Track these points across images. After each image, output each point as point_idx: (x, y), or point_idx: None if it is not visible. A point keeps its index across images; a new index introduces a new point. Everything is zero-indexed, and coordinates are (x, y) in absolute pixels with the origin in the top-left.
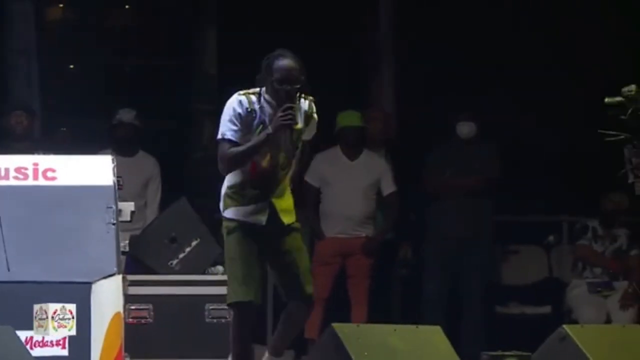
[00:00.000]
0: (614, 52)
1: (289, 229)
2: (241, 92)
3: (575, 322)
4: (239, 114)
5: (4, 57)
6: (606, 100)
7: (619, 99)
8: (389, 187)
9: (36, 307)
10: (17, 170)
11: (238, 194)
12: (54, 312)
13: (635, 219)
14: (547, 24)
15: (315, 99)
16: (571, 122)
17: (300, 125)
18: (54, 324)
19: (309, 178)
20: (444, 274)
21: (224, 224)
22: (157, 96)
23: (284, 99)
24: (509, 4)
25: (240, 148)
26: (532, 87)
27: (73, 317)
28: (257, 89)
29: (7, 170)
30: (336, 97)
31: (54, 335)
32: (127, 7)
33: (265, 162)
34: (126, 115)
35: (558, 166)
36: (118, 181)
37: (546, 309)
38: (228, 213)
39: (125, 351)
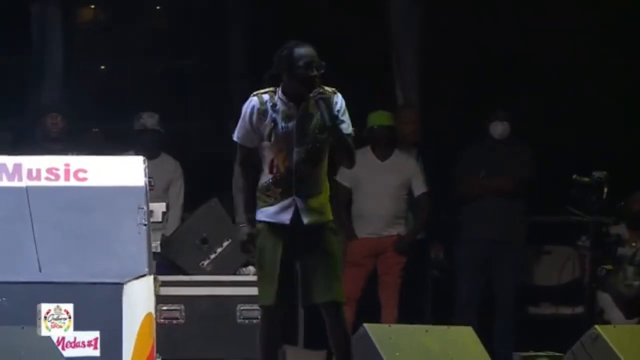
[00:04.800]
0: None
1: (320, 229)
2: (255, 92)
3: (607, 322)
4: (248, 114)
5: (32, 59)
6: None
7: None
8: (419, 188)
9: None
10: (49, 170)
11: (265, 194)
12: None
13: None
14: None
15: (336, 89)
16: (604, 123)
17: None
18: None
19: (340, 178)
20: (477, 276)
21: (256, 225)
22: (187, 97)
23: (310, 85)
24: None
25: (236, 189)
26: (566, 87)
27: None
28: (272, 88)
29: (38, 170)
30: (366, 97)
31: (82, 336)
32: (157, 8)
33: (281, 162)
34: (149, 120)
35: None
36: (149, 182)
37: (578, 310)
38: (257, 215)
39: (157, 352)
